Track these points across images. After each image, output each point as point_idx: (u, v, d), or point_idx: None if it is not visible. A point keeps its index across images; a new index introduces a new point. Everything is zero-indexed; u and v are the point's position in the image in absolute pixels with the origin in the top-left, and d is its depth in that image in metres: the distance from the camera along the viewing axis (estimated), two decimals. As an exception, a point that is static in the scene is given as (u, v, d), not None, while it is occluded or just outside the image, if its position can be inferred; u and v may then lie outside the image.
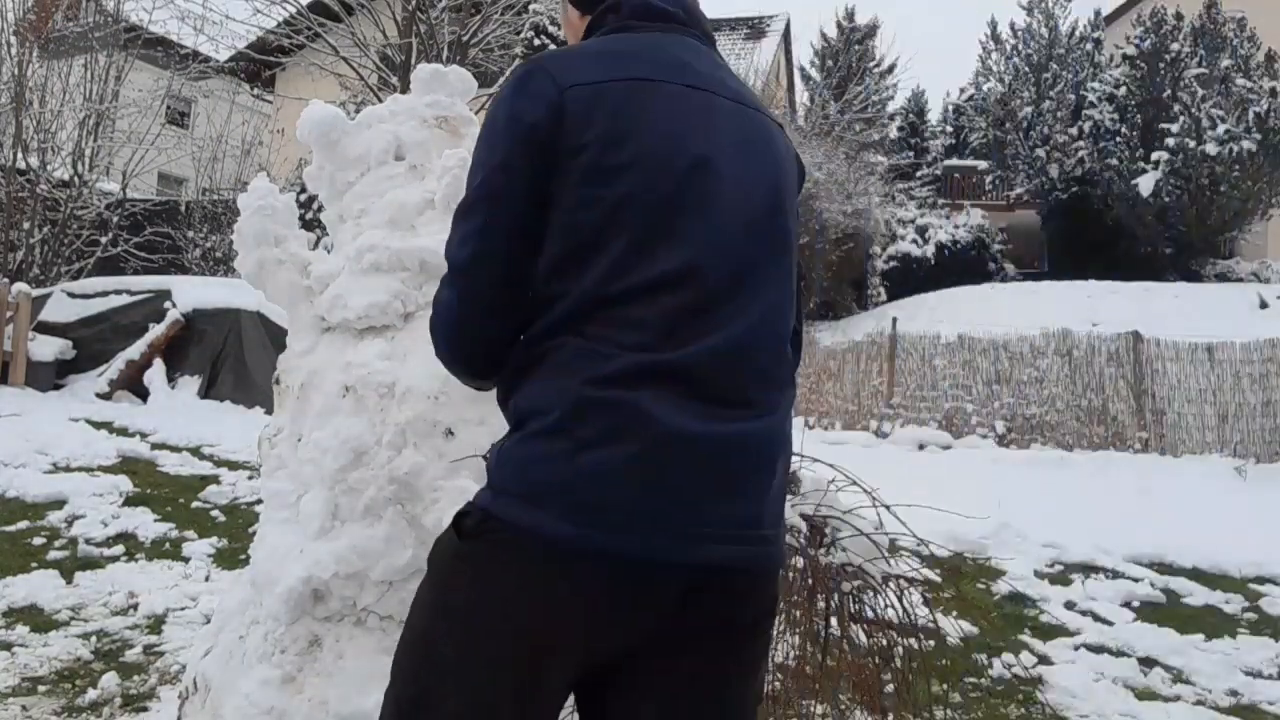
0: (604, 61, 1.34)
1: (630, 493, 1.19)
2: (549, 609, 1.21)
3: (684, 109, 1.33)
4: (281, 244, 2.54)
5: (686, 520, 1.21)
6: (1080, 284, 17.55)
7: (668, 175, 1.29)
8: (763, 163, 1.39)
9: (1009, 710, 3.51)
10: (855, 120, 23.11)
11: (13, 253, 11.94)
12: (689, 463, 1.21)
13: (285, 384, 2.45)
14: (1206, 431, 11.33)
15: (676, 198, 1.29)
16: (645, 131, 1.29)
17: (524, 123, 1.29)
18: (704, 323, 1.26)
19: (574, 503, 1.19)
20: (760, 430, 1.28)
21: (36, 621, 3.71)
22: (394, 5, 12.86)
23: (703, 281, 1.27)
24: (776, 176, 1.41)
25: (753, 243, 1.34)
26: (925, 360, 12.92)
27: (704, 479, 1.22)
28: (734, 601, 1.28)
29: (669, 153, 1.29)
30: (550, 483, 1.20)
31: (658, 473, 1.20)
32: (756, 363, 1.30)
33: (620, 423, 1.20)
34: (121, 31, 13.70)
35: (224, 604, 2.46)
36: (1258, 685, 3.93)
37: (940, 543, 2.75)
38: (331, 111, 2.44)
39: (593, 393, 1.21)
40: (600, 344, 1.24)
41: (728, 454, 1.24)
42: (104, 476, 5.76)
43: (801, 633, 2.27)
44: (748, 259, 1.33)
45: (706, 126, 1.34)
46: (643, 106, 1.30)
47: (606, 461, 1.19)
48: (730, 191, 1.33)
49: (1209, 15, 21.20)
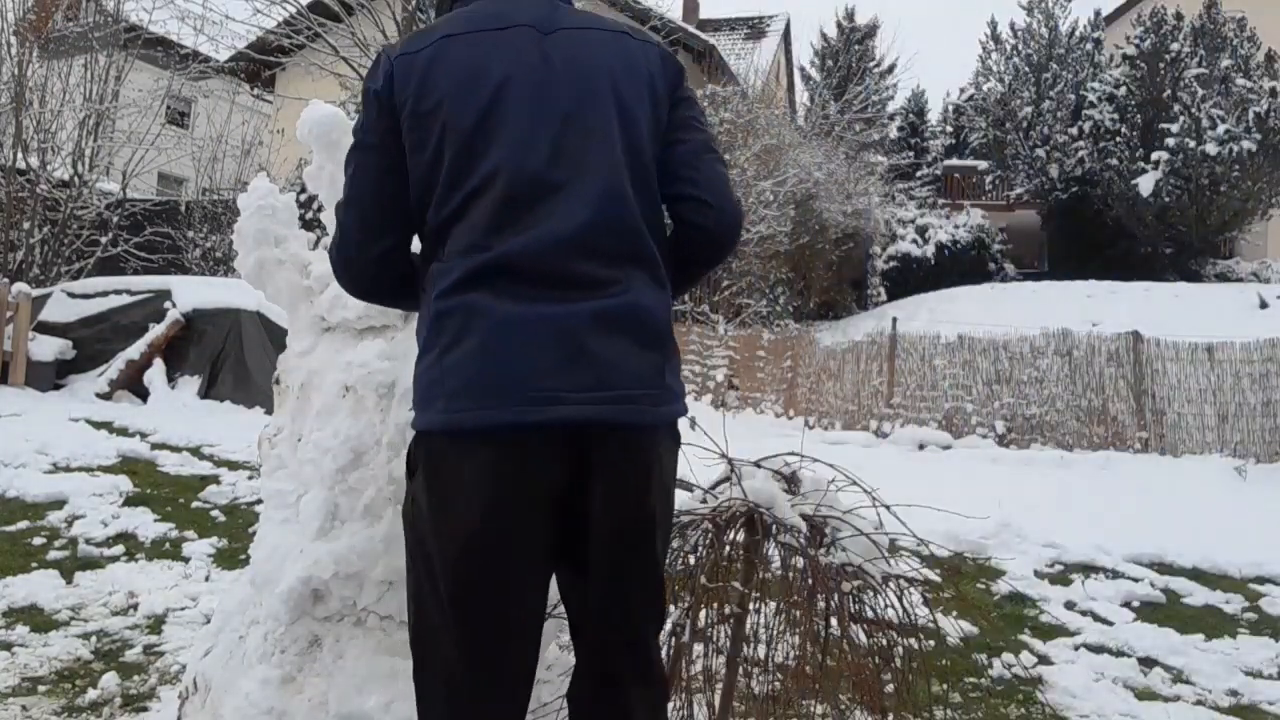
0: (424, 34, 1.59)
1: (482, 376, 1.43)
2: (466, 489, 1.45)
3: (485, 48, 1.55)
4: (281, 244, 2.54)
5: (535, 388, 1.42)
6: (1080, 284, 17.55)
7: (472, 103, 1.51)
8: (583, 69, 1.56)
9: (1009, 710, 3.51)
10: (855, 120, 23.11)
11: (13, 253, 11.94)
12: (527, 341, 1.43)
13: (285, 384, 2.45)
14: (1206, 431, 11.33)
15: (483, 119, 1.50)
16: (445, 75, 1.52)
17: (371, 91, 1.58)
18: (520, 220, 1.47)
19: (445, 395, 1.45)
20: (605, 305, 1.47)
21: (36, 621, 3.71)
22: (394, 5, 12.87)
23: (511, 181, 1.48)
24: (603, 77, 1.56)
25: (569, 139, 1.51)
26: (925, 360, 12.92)
27: (544, 353, 1.43)
28: (612, 470, 1.48)
29: (471, 85, 1.52)
30: (429, 387, 1.48)
31: (502, 355, 1.43)
32: (590, 246, 1.48)
33: (463, 323, 1.45)
34: (121, 31, 13.69)
35: (224, 604, 2.46)
36: (1258, 685, 3.92)
37: (940, 543, 2.75)
38: (331, 111, 2.44)
39: (441, 305, 1.48)
40: (446, 261, 1.50)
41: (567, 329, 1.44)
42: (104, 476, 5.75)
43: (801, 633, 2.27)
44: (561, 155, 1.50)
45: (510, 55, 1.54)
46: (445, 57, 1.54)
47: (459, 357, 1.45)
48: (535, 99, 1.52)
49: (1209, 15, 21.19)
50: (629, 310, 1.49)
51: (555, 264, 1.46)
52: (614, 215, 1.50)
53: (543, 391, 1.42)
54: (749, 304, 15.76)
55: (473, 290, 1.45)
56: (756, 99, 18.70)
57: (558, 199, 1.48)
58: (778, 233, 15.54)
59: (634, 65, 1.60)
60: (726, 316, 15.22)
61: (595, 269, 1.48)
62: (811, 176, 17.04)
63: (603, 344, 1.45)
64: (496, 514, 1.45)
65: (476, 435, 1.44)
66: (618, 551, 1.54)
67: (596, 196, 1.49)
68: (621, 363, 1.47)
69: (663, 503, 1.61)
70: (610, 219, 1.50)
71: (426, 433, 1.49)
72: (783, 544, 2.25)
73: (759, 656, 2.35)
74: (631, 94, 1.58)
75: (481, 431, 1.43)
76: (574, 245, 1.47)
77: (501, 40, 1.55)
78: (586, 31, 1.60)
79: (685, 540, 2.29)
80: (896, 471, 6.93)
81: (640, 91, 1.59)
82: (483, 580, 1.47)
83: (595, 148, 1.52)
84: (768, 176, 15.80)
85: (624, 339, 1.48)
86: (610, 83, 1.56)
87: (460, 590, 1.48)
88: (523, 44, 1.55)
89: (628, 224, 1.52)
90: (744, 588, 2.27)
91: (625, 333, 1.48)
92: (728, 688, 2.29)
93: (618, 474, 1.49)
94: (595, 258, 1.48)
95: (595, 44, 1.59)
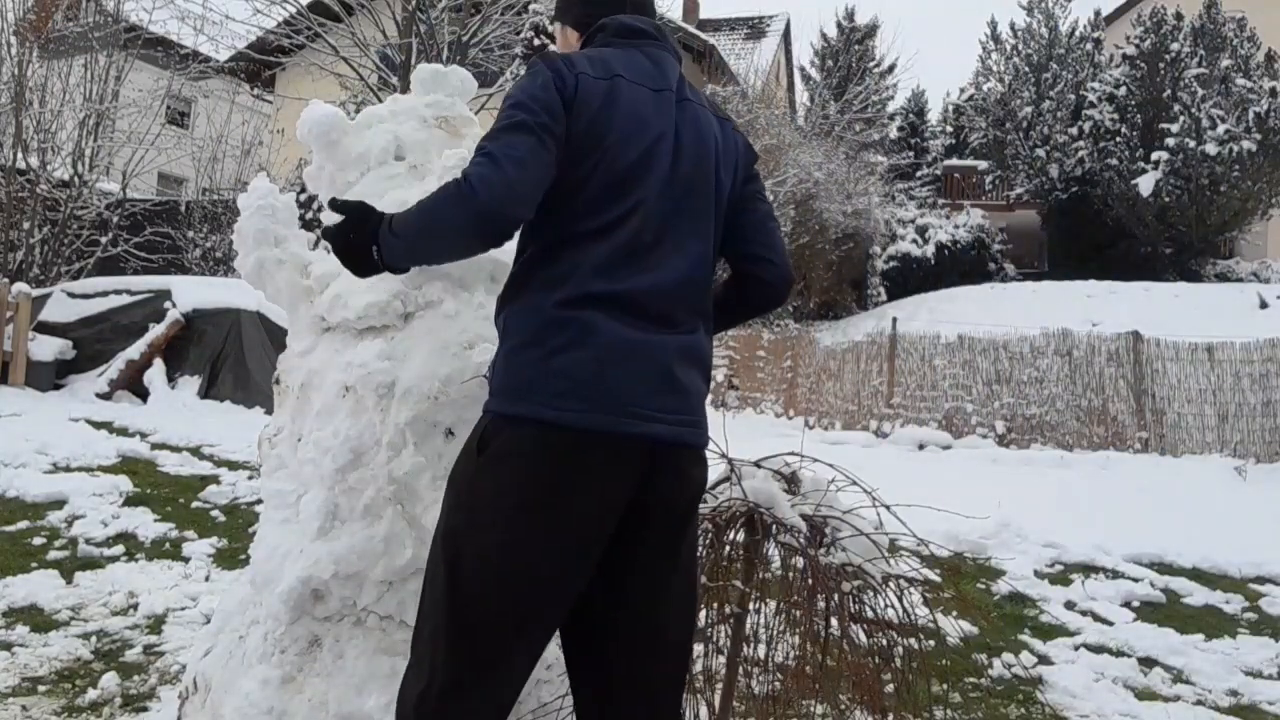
0: (596, 63, 1.79)
1: (595, 385, 1.62)
2: (560, 475, 1.61)
3: (649, 103, 1.78)
4: (281, 244, 2.54)
5: (636, 406, 1.64)
6: (1080, 284, 17.55)
7: (635, 145, 1.73)
8: (701, 143, 1.82)
9: (1009, 710, 3.51)
10: (855, 120, 23.11)
11: (13, 253, 11.94)
12: (633, 367, 1.65)
13: (285, 384, 2.45)
14: (1206, 431, 11.32)
15: (639, 162, 1.72)
16: (619, 115, 1.73)
17: (553, 88, 1.70)
18: (643, 261, 1.70)
19: (550, 392, 1.62)
20: (686, 342, 1.73)
21: (36, 621, 3.71)
22: (394, 5, 12.86)
23: (646, 218, 1.71)
24: (711, 154, 1.83)
25: (686, 200, 1.77)
26: (925, 360, 12.92)
27: (646, 378, 1.66)
28: (678, 480, 1.72)
29: (638, 132, 1.74)
30: (530, 381, 1.64)
31: (613, 372, 1.63)
32: (682, 297, 1.74)
33: (578, 335, 1.63)
34: (121, 31, 13.69)
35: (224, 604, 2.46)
36: (1258, 685, 3.93)
37: (940, 543, 2.75)
38: (331, 111, 2.44)
39: (560, 312, 1.65)
40: (566, 269, 1.67)
41: (663, 361, 1.68)
42: (104, 476, 5.75)
43: (801, 633, 2.27)
44: (680, 212, 1.76)
45: (665, 115, 1.79)
46: (619, 98, 1.74)
47: (569, 363, 1.62)
48: (673, 159, 1.76)
49: (1209, 15, 21.18)
50: (700, 348, 1.78)
51: (660, 305, 1.71)
52: (701, 277, 1.79)
53: (642, 409, 1.65)
54: (749, 304, 15.73)
55: (592, 309, 1.65)
56: (756, 99, 18.71)
57: (670, 249, 1.74)
58: (778, 233, 15.52)
59: (729, 148, 1.89)
60: (726, 316, 15.19)
61: (681, 315, 1.74)
62: (811, 176, 17.03)
63: (685, 374, 1.72)
64: (583, 504, 1.63)
65: (584, 434, 1.61)
66: (661, 555, 1.74)
67: (695, 256, 1.77)
68: (695, 391, 1.75)
69: (695, 512, 1.86)
70: (699, 279, 1.78)
71: (525, 419, 1.63)
72: (783, 544, 2.25)
73: (759, 656, 2.35)
74: (725, 172, 1.86)
75: (590, 432, 1.61)
76: (674, 294, 1.73)
77: (658, 100, 1.80)
78: (700, 109, 1.87)
79: (685, 540, 2.29)
80: (896, 471, 6.93)
81: (729, 172, 1.88)
82: (544, 559, 1.62)
83: (700, 213, 1.80)
84: (768, 176, 15.79)
85: (696, 372, 1.76)
86: (715, 160, 1.84)
87: (516, 563, 1.61)
88: (669, 108, 1.81)
89: (706, 285, 1.82)
90: (744, 588, 2.27)
91: (696, 366, 1.76)
92: (728, 688, 2.29)
93: (682, 482, 1.75)
94: (682, 306, 1.75)
95: (705, 123, 1.85)
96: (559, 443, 1.61)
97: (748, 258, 1.94)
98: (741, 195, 1.92)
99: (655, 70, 1.83)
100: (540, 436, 1.61)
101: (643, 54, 1.85)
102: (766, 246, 1.94)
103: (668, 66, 1.87)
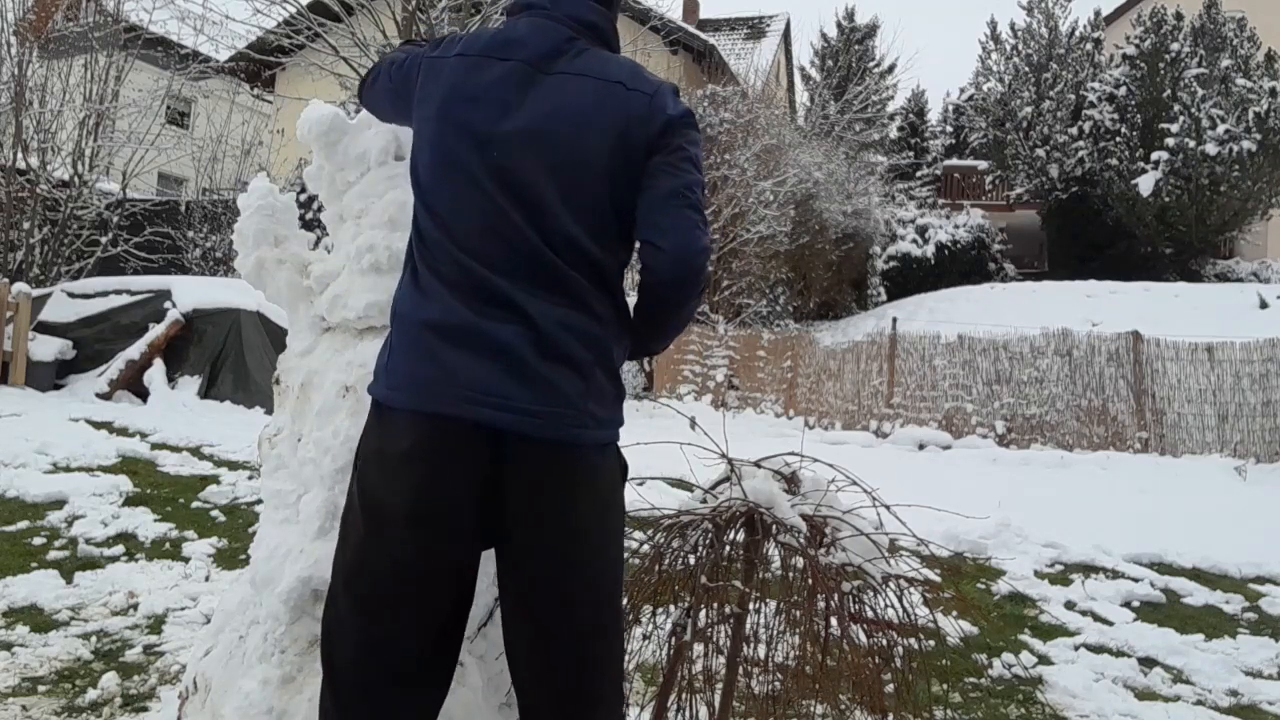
0: (445, 44, 1.84)
1: (417, 369, 1.62)
2: (390, 455, 1.62)
3: (484, 74, 1.71)
4: (281, 244, 2.53)
5: (463, 388, 1.57)
6: (1080, 284, 17.54)
7: (451, 126, 1.69)
8: (555, 116, 1.66)
9: (1009, 710, 3.51)
10: (855, 120, 23.12)
11: (13, 253, 11.95)
12: (454, 349, 1.60)
13: (285, 384, 2.45)
14: (1206, 431, 11.33)
15: (455, 143, 1.68)
16: (437, 94, 1.73)
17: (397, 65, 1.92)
18: (460, 247, 1.64)
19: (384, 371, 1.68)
20: (525, 332, 1.60)
21: (36, 621, 3.70)
22: (394, 5, 12.87)
23: (457, 202, 1.66)
24: (571, 126, 1.66)
25: (514, 175, 1.65)
26: (925, 360, 12.92)
27: (471, 362, 1.59)
28: (531, 466, 1.59)
29: (454, 109, 1.69)
30: (379, 362, 1.71)
31: (437, 354, 1.60)
32: (518, 282, 1.62)
33: (409, 312, 1.67)
34: (121, 31, 13.69)
35: (224, 604, 2.46)
36: (1258, 685, 3.92)
37: (940, 543, 2.75)
38: (331, 111, 2.44)
39: (398, 292, 1.74)
40: (411, 252, 1.74)
41: (493, 345, 1.59)
42: (104, 476, 5.75)
43: (801, 633, 2.27)
44: (500, 190, 1.65)
45: (501, 87, 1.70)
46: (441, 75, 1.77)
47: (399, 342, 1.66)
48: (496, 139, 1.66)
49: (1209, 15, 21.17)
50: (548, 338, 1.70)
51: (488, 295, 1.68)
52: (548, 260, 1.74)
53: (475, 394, 1.66)
54: (749, 304, 15.76)
55: (416, 289, 1.76)
56: (756, 99, 18.68)
57: (489, 234, 1.74)
58: (778, 233, 15.53)
59: (616, 116, 1.68)
60: (726, 316, 15.22)
61: (524, 301, 1.69)
62: (811, 176, 17.02)
63: (524, 361, 1.69)
64: (410, 485, 1.64)
65: (405, 412, 1.70)
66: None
67: (514, 239, 1.73)
68: (538, 381, 1.68)
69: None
70: (529, 257, 1.74)
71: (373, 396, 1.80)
72: (783, 544, 2.25)
73: (759, 656, 2.35)
74: (603, 141, 1.67)
75: (412, 413, 1.70)
76: (497, 275, 1.70)
77: (502, 74, 1.74)
78: (573, 78, 1.70)
79: (685, 540, 2.29)
80: (896, 471, 6.94)
81: (613, 141, 1.67)
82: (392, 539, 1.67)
83: (532, 191, 1.70)
84: (768, 176, 15.79)
85: (539, 360, 1.70)
86: (579, 132, 1.67)
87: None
88: (510, 81, 1.72)
89: (557, 266, 1.73)
90: (744, 588, 2.27)
91: (540, 355, 1.70)
92: (728, 688, 2.29)
93: (534, 482, 1.67)
94: (525, 294, 1.69)
95: (575, 92, 1.70)
96: (401, 422, 1.64)
97: (639, 244, 1.70)
98: (645, 169, 1.68)
99: (515, 43, 1.74)
100: (375, 418, 1.69)
101: (517, 27, 1.77)
102: (652, 228, 1.66)
103: (538, 37, 1.74)
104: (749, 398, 13.84)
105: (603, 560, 1.66)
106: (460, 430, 1.57)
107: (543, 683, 1.65)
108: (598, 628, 1.65)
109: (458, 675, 1.98)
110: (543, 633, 1.63)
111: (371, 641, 1.63)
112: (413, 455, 1.59)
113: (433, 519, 1.59)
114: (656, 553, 2.30)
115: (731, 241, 15.09)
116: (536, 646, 1.64)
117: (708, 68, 20.27)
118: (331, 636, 1.69)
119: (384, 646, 1.63)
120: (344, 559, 1.70)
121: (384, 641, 1.62)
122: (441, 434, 1.58)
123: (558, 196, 1.64)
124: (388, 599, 1.62)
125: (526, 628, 1.64)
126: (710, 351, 14.09)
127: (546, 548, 1.61)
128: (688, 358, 13.97)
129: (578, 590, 1.62)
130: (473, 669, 2.03)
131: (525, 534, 1.61)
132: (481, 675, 2.04)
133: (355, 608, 1.64)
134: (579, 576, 1.62)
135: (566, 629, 1.62)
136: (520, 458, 1.58)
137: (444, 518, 1.59)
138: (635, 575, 2.33)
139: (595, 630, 1.65)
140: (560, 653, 1.63)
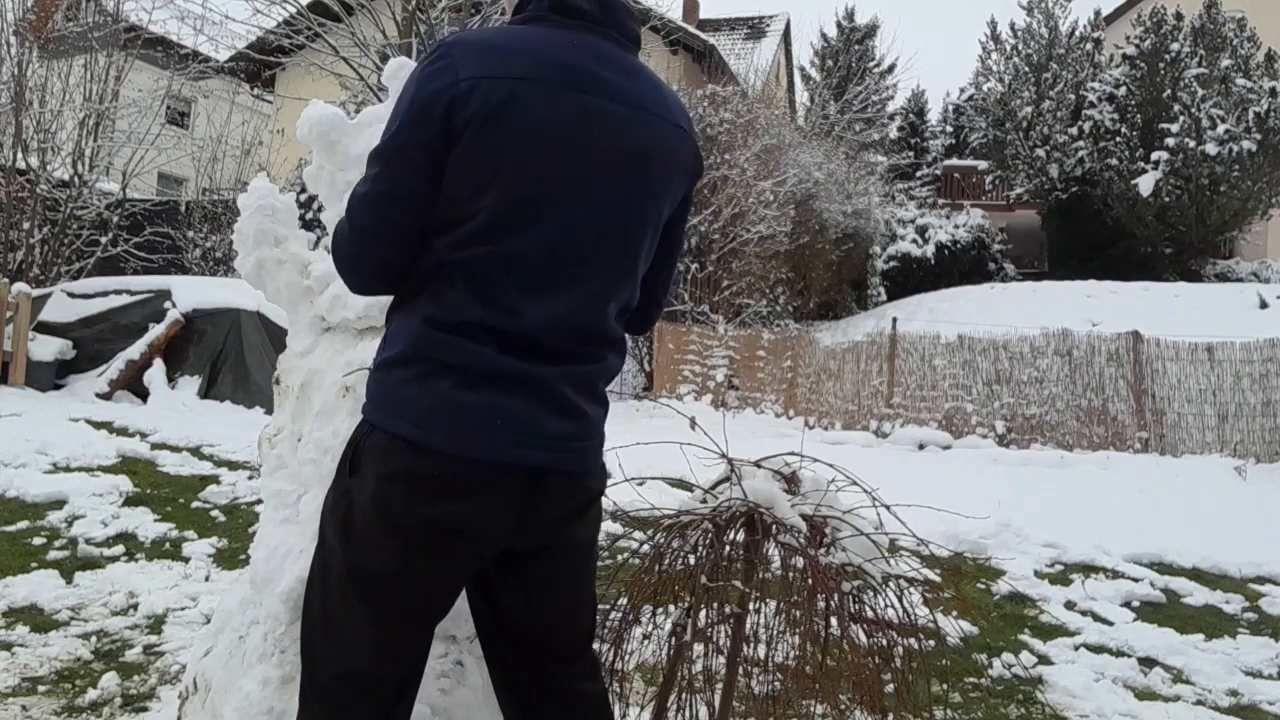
0: (496, 56, 1.51)
1: (467, 411, 1.48)
2: (421, 479, 1.49)
3: (555, 111, 1.50)
4: (281, 244, 2.53)
5: (518, 432, 1.49)
6: (1080, 284, 17.54)
7: (530, 168, 1.48)
8: (625, 166, 1.55)
9: (1009, 710, 3.51)
10: (855, 120, 23.12)
11: (13, 253, 11.95)
12: (517, 392, 1.50)
13: (285, 384, 2.45)
14: (1206, 431, 11.33)
15: (534, 191, 1.49)
16: (513, 129, 1.47)
17: (425, 103, 1.49)
18: (532, 297, 1.51)
19: (418, 411, 1.50)
20: (574, 373, 1.56)
21: (36, 621, 3.71)
22: (394, 5, 12.88)
23: (534, 264, 1.51)
24: (650, 174, 1.58)
25: (592, 236, 1.54)
26: (925, 360, 12.93)
27: (529, 405, 1.51)
28: (564, 497, 1.59)
29: (535, 150, 1.49)
30: (405, 397, 1.51)
31: (492, 397, 1.49)
32: (574, 327, 1.55)
33: (453, 359, 1.49)
34: (121, 31, 13.70)
35: (224, 604, 2.46)
36: (1258, 685, 3.92)
37: (940, 543, 2.75)
38: (331, 111, 2.44)
39: (432, 333, 1.50)
40: (449, 294, 1.50)
41: (550, 388, 1.53)
42: (104, 476, 5.76)
43: (801, 633, 2.27)
44: (580, 252, 1.54)
45: (572, 131, 1.51)
46: (519, 106, 1.48)
47: (443, 386, 1.48)
48: (578, 190, 1.52)
49: (1209, 15, 21.18)
50: (591, 378, 1.68)
51: (550, 339, 1.61)
52: (598, 309, 1.67)
53: (528, 438, 1.58)
54: (749, 304, 15.75)
55: (465, 335, 1.61)
56: (756, 99, 18.69)
57: (566, 284, 1.63)
58: (778, 233, 15.53)
59: (679, 163, 1.67)
60: (726, 316, 15.21)
61: (578, 346, 1.64)
62: (811, 176, 17.02)
63: (570, 402, 1.64)
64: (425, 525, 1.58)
65: (445, 459, 1.56)
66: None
67: (590, 295, 1.65)
68: (581, 419, 1.66)
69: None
70: (598, 312, 1.67)
71: (396, 435, 1.64)
72: (783, 544, 2.25)
73: (759, 656, 2.35)
74: (664, 192, 1.65)
75: (453, 458, 1.58)
76: (563, 328, 1.62)
77: (570, 107, 1.60)
78: (648, 117, 1.63)
79: (685, 540, 2.29)
80: (896, 471, 6.94)
81: (667, 194, 1.67)
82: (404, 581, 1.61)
83: (613, 250, 1.66)
84: (768, 176, 15.79)
85: (585, 399, 1.67)
86: (651, 184, 1.64)
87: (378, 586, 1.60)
88: (587, 122, 1.60)
89: (604, 315, 1.69)
90: (744, 588, 2.27)
91: (585, 394, 1.68)
92: (728, 688, 2.29)
93: (564, 510, 1.69)
94: (577, 339, 1.64)
95: (653, 136, 1.65)
96: (432, 464, 1.50)
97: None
98: (668, 219, 1.67)
99: (580, 67, 1.53)
100: (408, 454, 1.50)
101: (572, 41, 1.55)
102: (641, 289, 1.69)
103: (607, 61, 1.56)
104: (749, 398, 13.84)
105: (596, 553, 1.79)
106: (505, 469, 1.53)
107: (550, 636, 1.71)
108: (593, 606, 1.80)
109: (458, 675, 1.99)
110: (551, 626, 1.71)
111: (387, 642, 1.59)
112: (454, 488, 1.50)
113: (469, 537, 1.55)
114: (656, 553, 2.30)
115: (731, 241, 15.09)
116: (543, 626, 1.71)
117: (707, 68, 20.28)
118: (333, 637, 1.66)
119: (396, 648, 1.60)
120: (353, 563, 1.59)
121: (395, 644, 1.60)
122: (487, 474, 1.51)
123: None
124: (407, 609, 1.59)
125: (530, 620, 1.71)
126: (710, 351, 14.09)
127: (566, 562, 1.68)
128: (688, 358, 13.97)
129: (586, 588, 1.75)
130: (473, 669, 2.03)
131: (549, 548, 1.65)
132: (481, 675, 2.04)
133: (372, 618, 1.57)
134: (588, 577, 1.74)
135: (574, 625, 1.74)
136: (557, 486, 1.59)
137: (485, 540, 1.57)
138: (635, 575, 2.33)
139: (592, 608, 1.79)
140: (566, 637, 1.73)
